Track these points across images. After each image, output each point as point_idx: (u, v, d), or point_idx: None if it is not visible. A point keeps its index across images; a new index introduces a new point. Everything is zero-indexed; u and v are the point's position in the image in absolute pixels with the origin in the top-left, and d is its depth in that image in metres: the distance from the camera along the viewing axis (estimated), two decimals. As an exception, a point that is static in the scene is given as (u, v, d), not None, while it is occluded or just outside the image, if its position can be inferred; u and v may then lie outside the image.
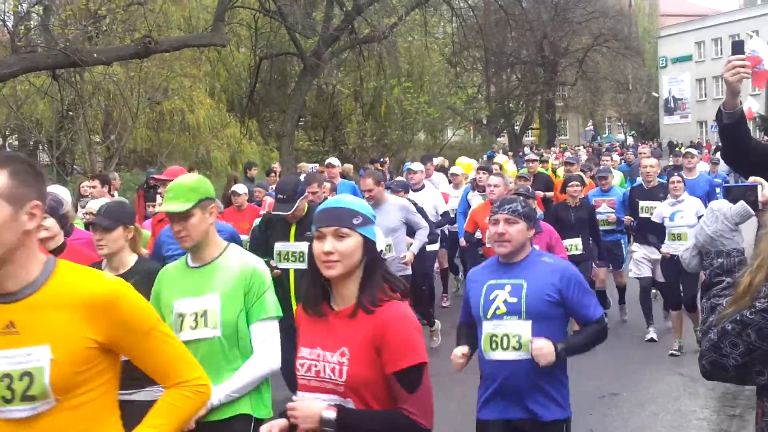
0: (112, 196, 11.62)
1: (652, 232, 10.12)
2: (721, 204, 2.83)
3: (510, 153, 37.40)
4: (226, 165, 27.13)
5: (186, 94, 26.53)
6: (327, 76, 30.93)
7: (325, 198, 9.13)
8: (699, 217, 8.22)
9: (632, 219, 10.93)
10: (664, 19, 75.73)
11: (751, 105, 46.27)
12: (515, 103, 47.48)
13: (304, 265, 6.99)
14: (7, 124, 26.36)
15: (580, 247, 10.24)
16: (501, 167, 15.68)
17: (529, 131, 53.04)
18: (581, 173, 13.10)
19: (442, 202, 12.22)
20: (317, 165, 21.83)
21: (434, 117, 37.48)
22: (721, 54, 67.01)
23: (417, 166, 12.91)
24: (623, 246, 11.82)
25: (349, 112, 36.12)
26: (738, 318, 2.43)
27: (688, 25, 71.52)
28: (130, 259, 4.59)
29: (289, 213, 7.15)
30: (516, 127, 48.98)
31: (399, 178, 13.82)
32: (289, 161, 25.47)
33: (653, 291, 11.32)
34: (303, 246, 7.15)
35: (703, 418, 7.76)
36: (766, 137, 46.66)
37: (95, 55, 17.21)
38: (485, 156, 30.70)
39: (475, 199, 11.79)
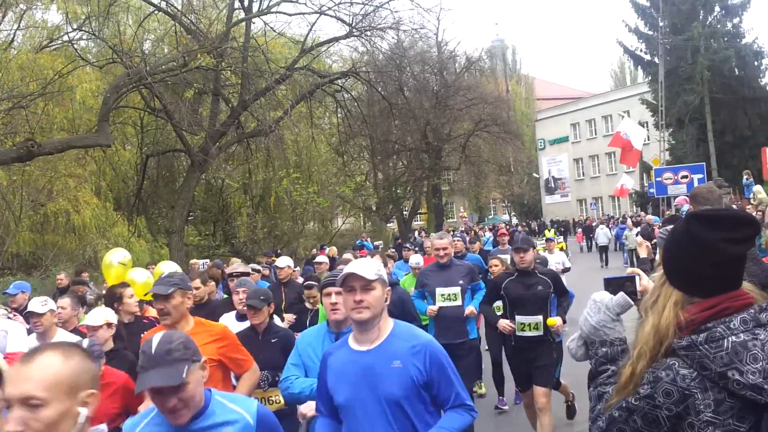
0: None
1: None
2: (602, 295, 2.93)
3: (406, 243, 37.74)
4: (115, 265, 26.50)
5: (71, 194, 26.01)
6: (215, 170, 30.89)
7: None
8: None
9: None
10: (541, 102, 78.60)
11: (626, 182, 48.43)
12: (403, 189, 48.03)
13: None
14: None
15: None
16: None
17: (418, 216, 53.67)
18: None
19: None
20: (208, 260, 21.60)
21: (324, 206, 37.65)
22: (595, 134, 69.96)
23: None
24: None
25: (239, 205, 36.07)
26: (624, 405, 2.52)
27: (563, 107, 74.33)
28: None
29: None
30: (405, 213, 49.54)
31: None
32: (179, 257, 25.17)
33: None
34: None
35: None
36: (641, 212, 48.59)
37: (-25, 160, 16.85)
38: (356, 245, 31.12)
39: None
